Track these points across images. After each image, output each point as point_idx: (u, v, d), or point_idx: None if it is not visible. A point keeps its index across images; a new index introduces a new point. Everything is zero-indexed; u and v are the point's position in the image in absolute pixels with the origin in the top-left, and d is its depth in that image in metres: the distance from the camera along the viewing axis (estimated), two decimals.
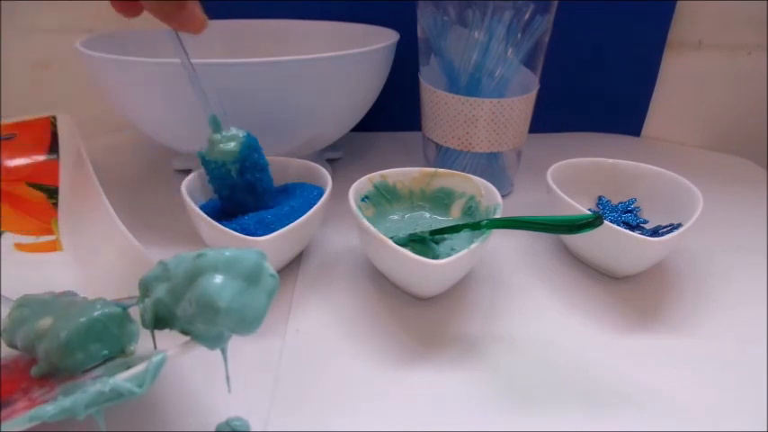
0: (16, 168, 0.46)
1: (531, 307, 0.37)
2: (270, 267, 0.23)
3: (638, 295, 0.38)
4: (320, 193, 0.41)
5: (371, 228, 0.35)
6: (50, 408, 0.20)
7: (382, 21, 0.56)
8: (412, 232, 0.38)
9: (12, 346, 0.26)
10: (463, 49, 0.45)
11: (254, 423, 0.28)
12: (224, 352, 0.25)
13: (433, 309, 0.36)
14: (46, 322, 0.25)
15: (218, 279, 0.22)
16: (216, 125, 0.39)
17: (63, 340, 0.24)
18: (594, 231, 0.30)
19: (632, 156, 0.46)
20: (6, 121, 0.47)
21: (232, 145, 0.39)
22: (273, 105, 0.43)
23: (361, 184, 0.41)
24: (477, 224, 0.35)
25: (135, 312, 0.26)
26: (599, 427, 0.28)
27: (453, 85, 0.47)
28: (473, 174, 0.42)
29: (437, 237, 0.38)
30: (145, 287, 0.26)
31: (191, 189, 0.40)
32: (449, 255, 0.35)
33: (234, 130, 0.39)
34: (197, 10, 0.27)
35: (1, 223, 0.42)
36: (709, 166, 0.60)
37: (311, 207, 0.38)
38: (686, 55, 0.64)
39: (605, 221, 0.34)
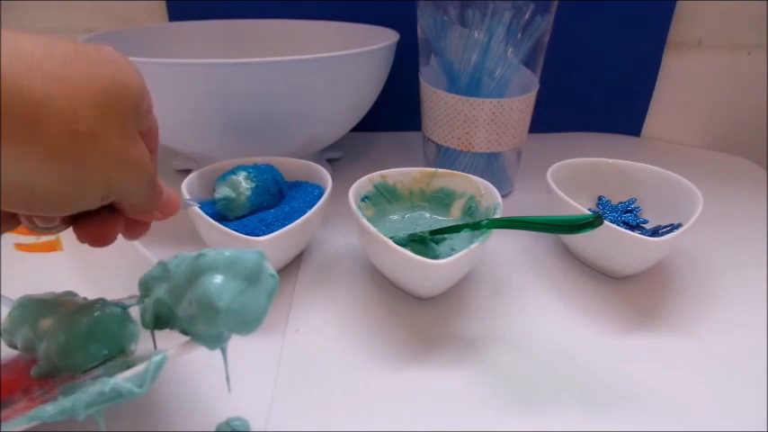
0: None
1: (531, 307, 0.37)
2: (270, 267, 0.23)
3: (638, 295, 0.38)
4: (320, 193, 0.41)
5: (371, 228, 0.35)
6: (50, 408, 0.20)
7: (382, 21, 0.56)
8: (412, 232, 0.38)
9: (12, 346, 0.26)
10: (463, 49, 0.45)
11: (254, 423, 0.28)
12: (224, 352, 0.25)
13: (433, 309, 0.36)
14: (46, 322, 0.25)
15: (218, 279, 0.22)
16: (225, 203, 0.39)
17: (63, 340, 0.24)
18: (594, 231, 0.30)
19: (632, 156, 0.46)
20: None
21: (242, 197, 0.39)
22: (273, 105, 0.43)
23: (361, 184, 0.41)
24: (477, 224, 0.35)
25: (135, 312, 0.26)
26: (599, 427, 0.28)
27: (453, 85, 0.47)
28: (473, 174, 0.42)
29: (437, 237, 0.38)
30: (145, 287, 0.26)
31: (191, 189, 0.40)
32: (449, 255, 0.35)
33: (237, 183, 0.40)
34: (171, 194, 0.27)
35: (1, 223, 0.42)
36: (709, 166, 0.60)
37: (311, 207, 0.38)
38: (686, 55, 0.64)
39: (605, 221, 0.34)
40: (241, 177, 0.40)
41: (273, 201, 0.41)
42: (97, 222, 0.23)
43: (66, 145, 0.18)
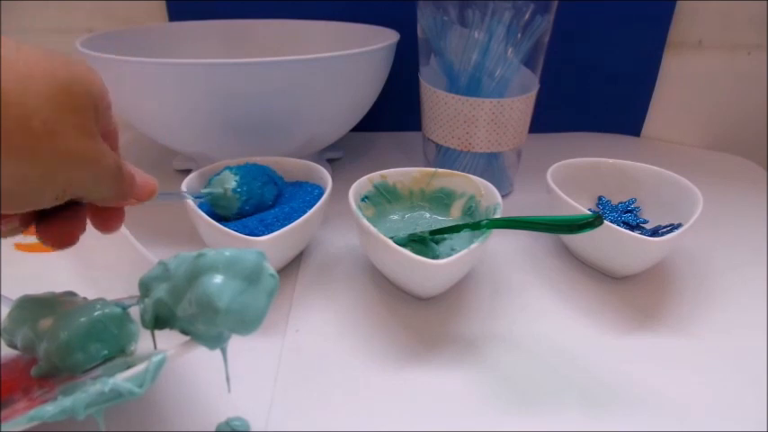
0: None
1: (531, 307, 0.37)
2: (270, 267, 0.23)
3: (638, 295, 0.38)
4: (320, 193, 0.41)
5: (371, 228, 0.35)
6: (50, 408, 0.20)
7: (382, 21, 0.56)
8: (412, 232, 0.38)
9: (12, 346, 0.26)
10: (463, 49, 0.45)
11: (254, 423, 0.28)
12: (224, 352, 0.25)
13: (433, 309, 0.36)
14: (46, 322, 0.25)
15: (218, 279, 0.22)
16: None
17: (63, 340, 0.24)
18: (594, 231, 0.30)
19: (632, 156, 0.46)
20: None
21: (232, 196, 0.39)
22: (273, 105, 0.43)
23: (361, 184, 0.41)
24: (477, 224, 0.35)
25: (135, 312, 0.26)
26: (599, 427, 0.28)
27: (453, 85, 0.47)
28: (473, 174, 0.42)
29: (437, 237, 0.38)
30: (145, 287, 0.26)
31: (191, 189, 0.40)
32: (449, 255, 0.35)
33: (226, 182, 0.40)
34: (146, 178, 0.26)
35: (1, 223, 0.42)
36: (709, 166, 0.60)
37: (311, 207, 0.38)
38: (686, 55, 0.64)
39: (605, 221, 0.34)
40: (224, 174, 0.40)
41: (266, 191, 0.41)
42: (57, 223, 0.23)
43: (19, 140, 0.18)
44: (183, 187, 0.39)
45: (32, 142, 0.18)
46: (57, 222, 0.23)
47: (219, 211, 0.40)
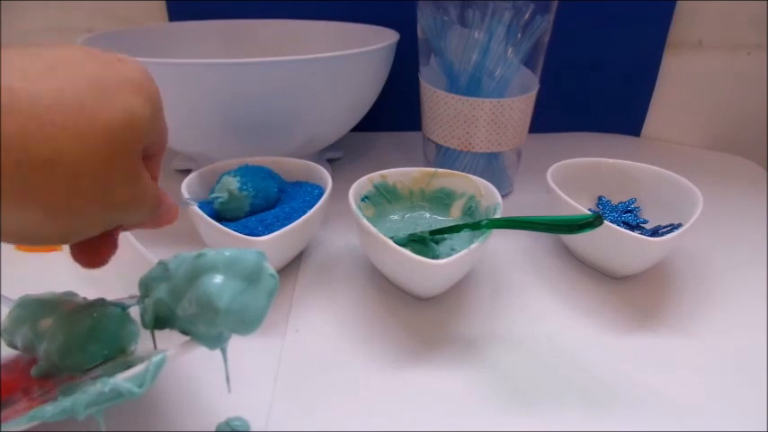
0: None
1: (531, 307, 0.37)
2: (270, 267, 0.23)
3: (638, 295, 0.38)
4: (320, 193, 0.41)
5: (371, 228, 0.35)
6: (50, 408, 0.20)
7: (382, 21, 0.56)
8: (412, 232, 0.38)
9: (12, 346, 0.26)
10: (463, 49, 0.45)
11: (254, 423, 0.28)
12: (224, 352, 0.25)
13: (433, 309, 0.36)
14: (46, 322, 0.25)
15: (218, 279, 0.22)
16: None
17: (63, 340, 0.24)
18: (594, 231, 0.30)
19: (632, 156, 0.46)
20: None
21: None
22: (273, 105, 0.43)
23: (361, 184, 0.41)
24: (477, 224, 0.35)
25: (135, 312, 0.26)
26: (599, 427, 0.28)
27: (453, 85, 0.47)
28: (473, 174, 0.42)
29: (437, 237, 0.38)
30: (145, 287, 0.26)
31: (191, 189, 0.40)
32: (449, 255, 0.35)
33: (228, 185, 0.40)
34: (171, 205, 0.26)
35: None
36: (709, 166, 0.60)
37: (311, 207, 0.38)
38: (686, 55, 0.64)
39: (605, 221, 0.34)
40: (223, 180, 0.40)
41: (269, 184, 0.41)
42: (91, 247, 0.23)
43: (66, 202, 0.18)
44: (184, 187, 0.39)
45: (81, 201, 0.18)
46: (90, 245, 0.24)
47: (230, 215, 0.39)
